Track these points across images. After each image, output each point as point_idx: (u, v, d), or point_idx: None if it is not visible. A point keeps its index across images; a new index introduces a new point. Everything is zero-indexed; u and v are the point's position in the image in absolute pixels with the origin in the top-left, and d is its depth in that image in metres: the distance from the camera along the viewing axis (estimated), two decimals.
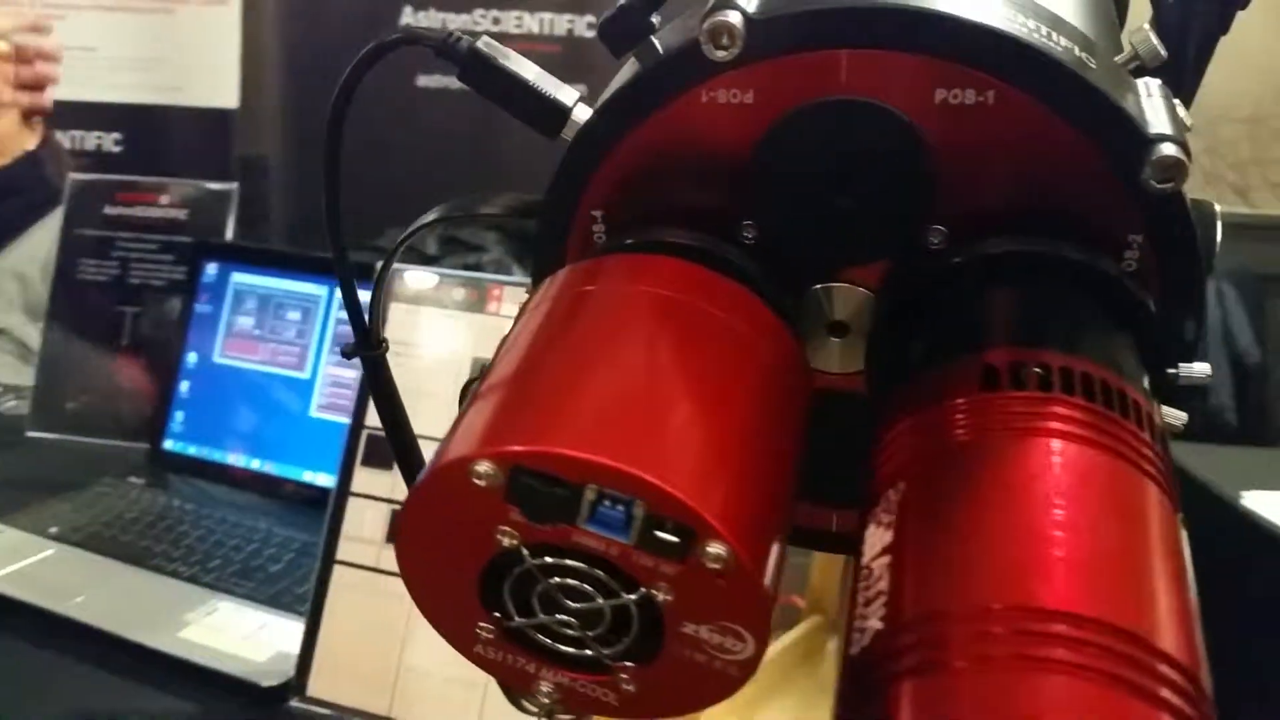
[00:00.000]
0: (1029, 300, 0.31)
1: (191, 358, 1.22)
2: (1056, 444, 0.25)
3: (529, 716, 0.32)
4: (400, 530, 0.28)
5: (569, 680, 0.29)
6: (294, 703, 0.82)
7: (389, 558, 0.83)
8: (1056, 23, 0.31)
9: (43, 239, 1.44)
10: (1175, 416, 0.33)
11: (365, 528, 0.84)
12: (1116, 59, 0.41)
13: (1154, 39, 0.41)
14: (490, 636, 0.29)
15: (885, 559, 0.25)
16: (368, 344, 0.42)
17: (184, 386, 1.22)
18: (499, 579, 0.28)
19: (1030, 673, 0.22)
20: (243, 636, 0.88)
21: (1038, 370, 0.27)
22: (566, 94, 0.35)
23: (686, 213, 0.34)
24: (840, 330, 0.35)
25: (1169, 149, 0.29)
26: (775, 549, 0.27)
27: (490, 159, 1.83)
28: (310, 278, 1.18)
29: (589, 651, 0.28)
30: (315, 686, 0.83)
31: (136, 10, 2.07)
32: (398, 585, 0.29)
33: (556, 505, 0.26)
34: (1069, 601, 0.23)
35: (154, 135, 2.07)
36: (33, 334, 1.39)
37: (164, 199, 1.36)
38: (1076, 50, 0.30)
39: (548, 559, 0.27)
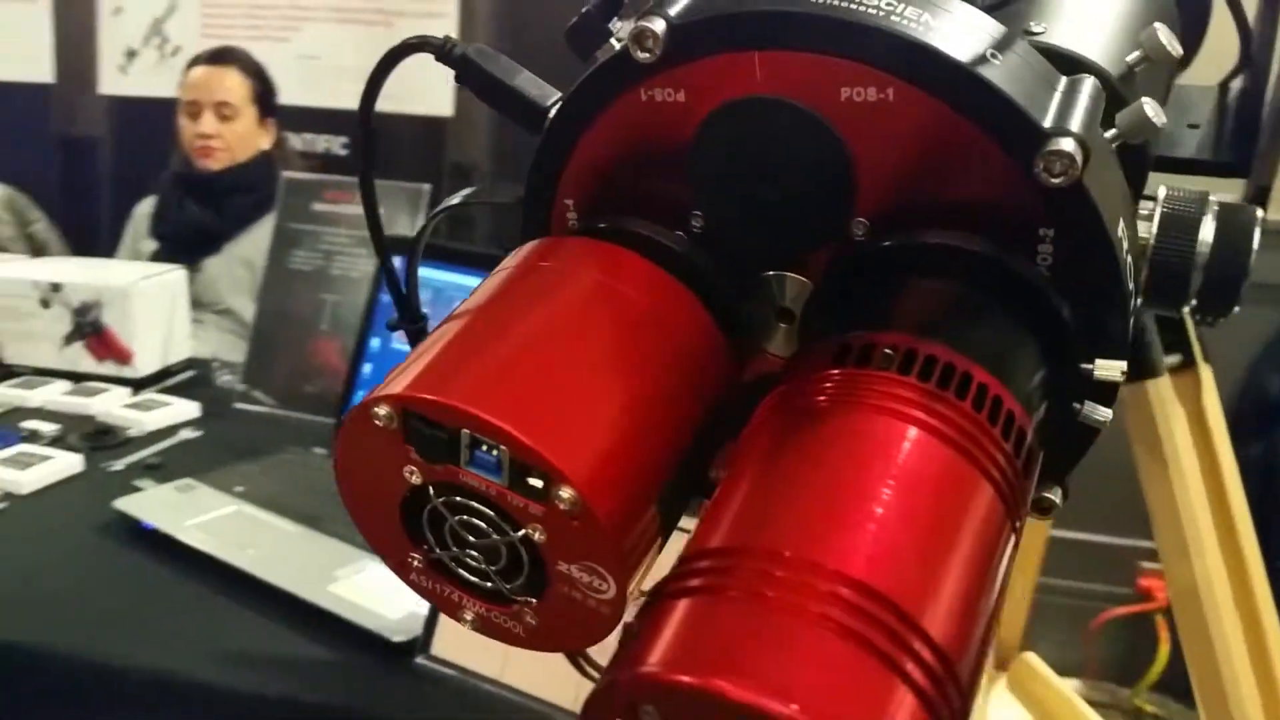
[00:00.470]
0: (916, 289, 0.32)
1: (374, 342, 1.33)
2: (882, 418, 0.27)
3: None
4: (334, 466, 0.33)
5: (485, 611, 0.33)
6: (419, 659, 0.89)
7: None
8: (968, 22, 0.32)
9: (270, 230, 1.59)
10: (1099, 413, 0.33)
11: None
12: (1127, 59, 0.41)
13: (1162, 36, 0.41)
14: (420, 566, 0.33)
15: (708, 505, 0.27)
16: (408, 318, 0.47)
17: (366, 368, 1.32)
18: (419, 515, 0.32)
19: (791, 616, 0.24)
20: (383, 595, 0.96)
21: (887, 351, 0.29)
22: (547, 96, 0.39)
23: (645, 202, 0.37)
24: (788, 317, 0.37)
25: (1060, 143, 0.30)
26: (645, 504, 0.30)
27: None
28: (478, 273, 1.26)
29: (491, 585, 0.32)
30: (438, 646, 0.90)
31: (363, 23, 2.25)
32: None
33: (441, 447, 0.29)
34: (851, 566, 0.25)
35: (377, 140, 2.23)
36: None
37: None
38: (984, 49, 0.31)
39: (456, 498, 0.31)
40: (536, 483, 0.29)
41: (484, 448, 0.29)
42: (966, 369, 0.28)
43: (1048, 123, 0.31)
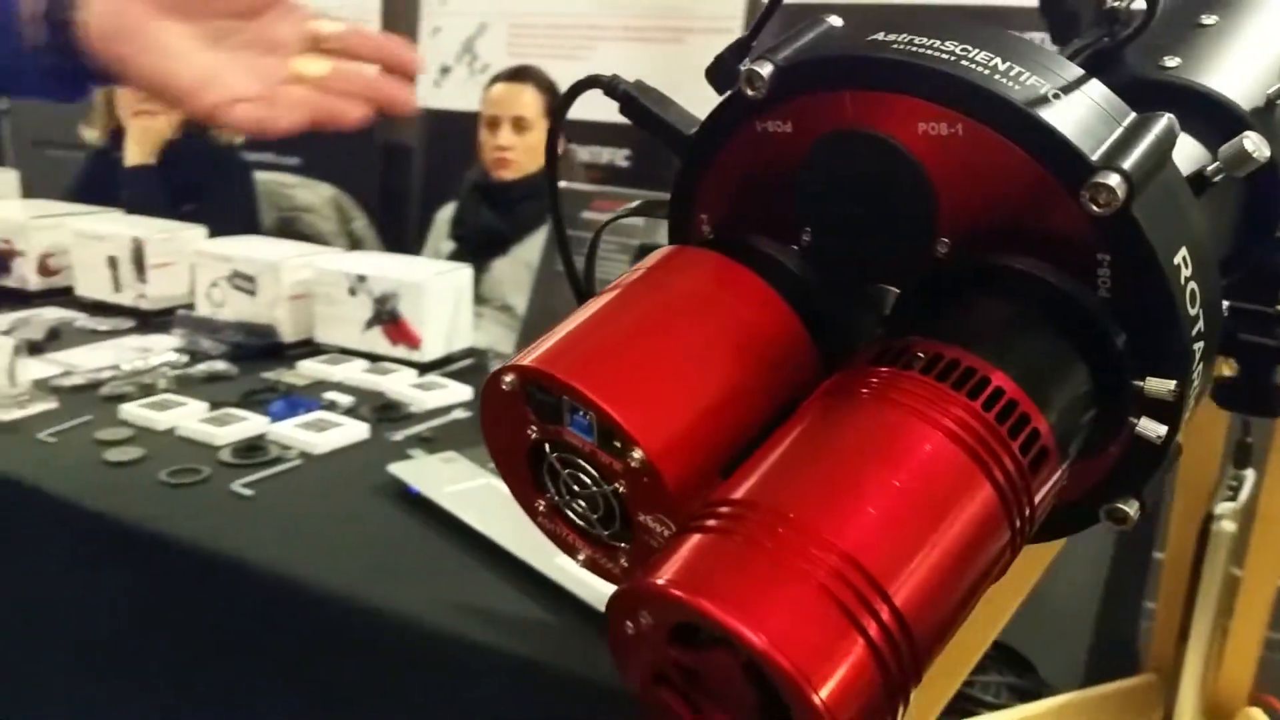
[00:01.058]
0: (972, 304, 0.36)
1: None
2: (900, 413, 0.32)
3: None
4: (481, 424, 0.40)
5: (593, 553, 0.40)
6: None
7: None
8: (1039, 65, 0.35)
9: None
10: (1154, 429, 0.36)
11: None
12: (1268, 92, 0.43)
13: None
14: (543, 510, 0.40)
15: None
16: None
17: None
18: (542, 467, 0.39)
19: (779, 566, 0.29)
20: None
21: (919, 354, 0.33)
22: (691, 125, 0.45)
23: (766, 218, 0.42)
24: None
25: (1104, 176, 0.33)
26: (710, 472, 0.35)
27: None
28: None
29: (593, 530, 0.39)
30: None
31: (655, 40, 2.38)
32: None
33: (549, 410, 0.36)
34: (842, 536, 0.29)
35: (655, 152, 2.35)
36: None
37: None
38: (1047, 89, 0.35)
39: (566, 454, 0.38)
40: (618, 444, 0.35)
41: (580, 413, 0.36)
42: (986, 374, 0.32)
43: (1096, 157, 0.34)
